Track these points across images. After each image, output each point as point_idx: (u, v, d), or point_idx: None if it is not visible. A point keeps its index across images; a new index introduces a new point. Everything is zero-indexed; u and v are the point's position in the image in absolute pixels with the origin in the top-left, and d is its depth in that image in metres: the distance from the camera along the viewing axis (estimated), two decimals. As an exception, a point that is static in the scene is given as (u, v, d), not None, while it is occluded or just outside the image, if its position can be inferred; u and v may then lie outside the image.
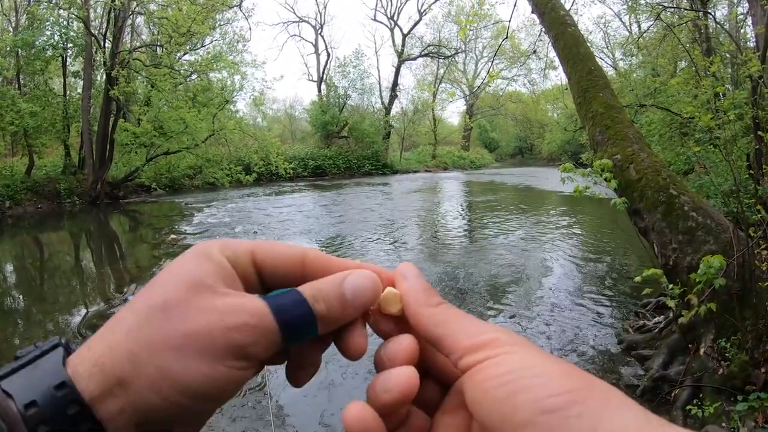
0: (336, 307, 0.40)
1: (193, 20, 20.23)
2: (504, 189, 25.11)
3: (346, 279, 0.40)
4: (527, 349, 0.35)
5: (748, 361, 3.90)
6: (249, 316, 0.36)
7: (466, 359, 0.35)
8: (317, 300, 0.39)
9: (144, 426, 0.34)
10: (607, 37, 28.90)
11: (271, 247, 0.42)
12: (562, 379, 0.32)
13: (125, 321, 0.36)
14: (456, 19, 40.81)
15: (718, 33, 14.19)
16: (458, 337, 0.37)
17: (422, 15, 41.78)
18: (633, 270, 8.17)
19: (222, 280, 0.38)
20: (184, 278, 0.37)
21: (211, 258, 0.39)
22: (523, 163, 54.01)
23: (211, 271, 0.38)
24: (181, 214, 17.88)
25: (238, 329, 0.36)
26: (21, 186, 19.89)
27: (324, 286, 0.40)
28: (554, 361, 0.34)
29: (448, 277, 8.62)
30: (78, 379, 0.33)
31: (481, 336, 0.36)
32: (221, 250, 0.40)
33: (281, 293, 0.39)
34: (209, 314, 0.36)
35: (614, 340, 5.79)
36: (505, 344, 0.35)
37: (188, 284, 0.37)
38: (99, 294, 8.83)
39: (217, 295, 0.37)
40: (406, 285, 0.41)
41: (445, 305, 0.40)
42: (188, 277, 0.37)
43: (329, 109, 36.70)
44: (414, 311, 0.40)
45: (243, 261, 0.40)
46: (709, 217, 4.65)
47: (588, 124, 6.03)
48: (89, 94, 21.34)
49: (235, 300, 0.37)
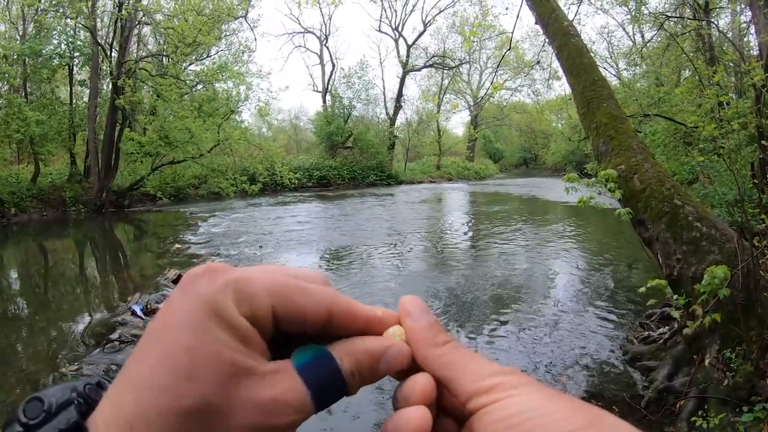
0: (366, 380, 0.38)
1: (199, 31, 20.39)
2: (509, 199, 25.09)
3: (386, 353, 0.38)
4: (534, 388, 0.34)
5: (753, 371, 3.87)
6: (294, 411, 0.33)
7: (474, 402, 0.35)
8: (354, 376, 0.36)
9: None
10: (610, 47, 28.93)
11: (294, 299, 0.35)
12: (571, 417, 0.31)
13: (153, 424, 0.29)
14: (460, 30, 41.04)
15: (721, 42, 14.18)
16: (465, 380, 0.36)
17: (427, 26, 42.02)
18: (637, 280, 8.13)
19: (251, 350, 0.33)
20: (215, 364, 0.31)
21: (231, 323, 0.33)
22: (528, 173, 53.94)
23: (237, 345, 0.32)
24: (186, 224, 17.92)
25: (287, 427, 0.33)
26: (26, 193, 19.99)
27: (362, 358, 0.37)
28: (562, 398, 0.33)
29: (453, 288, 8.60)
30: None
31: (489, 379, 0.35)
32: (237, 305, 0.33)
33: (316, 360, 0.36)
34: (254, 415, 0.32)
35: (619, 351, 5.76)
36: (512, 387, 0.34)
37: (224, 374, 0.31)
38: (103, 302, 8.84)
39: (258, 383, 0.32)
40: (411, 323, 0.39)
41: (451, 345, 0.38)
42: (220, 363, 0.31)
43: (334, 119, 36.81)
44: (420, 352, 0.38)
45: (261, 319, 0.34)
46: (713, 227, 4.63)
47: (592, 134, 6.02)
48: (95, 103, 21.50)
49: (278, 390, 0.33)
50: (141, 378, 0.31)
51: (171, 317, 0.32)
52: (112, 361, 5.74)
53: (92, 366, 5.63)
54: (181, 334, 0.31)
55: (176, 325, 0.32)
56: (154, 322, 0.33)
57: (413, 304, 0.40)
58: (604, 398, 4.74)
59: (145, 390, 0.30)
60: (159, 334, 0.32)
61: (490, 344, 6.17)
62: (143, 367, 0.31)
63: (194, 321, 0.32)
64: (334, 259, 11.30)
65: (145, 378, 0.31)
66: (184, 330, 0.31)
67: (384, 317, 0.40)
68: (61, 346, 6.46)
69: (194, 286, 0.33)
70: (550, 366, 5.49)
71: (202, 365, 0.31)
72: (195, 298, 0.33)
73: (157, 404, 0.30)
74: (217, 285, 0.33)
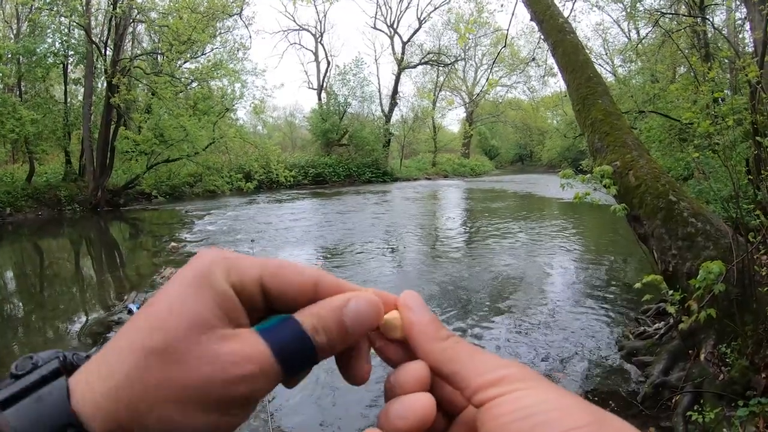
0: (335, 337, 0.38)
1: (193, 28, 20.32)
2: (504, 196, 25.12)
3: (347, 305, 0.39)
4: (541, 384, 0.35)
5: (748, 366, 3.89)
6: (252, 364, 0.35)
7: (480, 395, 0.35)
8: (318, 332, 0.37)
9: None
10: (606, 43, 29.01)
11: (282, 273, 0.39)
12: (579, 413, 0.32)
13: (124, 362, 0.34)
14: (455, 27, 40.98)
15: (716, 39, 14.22)
16: (471, 374, 0.36)
17: (422, 23, 41.98)
18: (633, 276, 8.16)
19: (225, 315, 0.36)
20: (185, 317, 0.35)
21: (214, 287, 0.36)
22: (523, 170, 54.03)
23: (213, 305, 0.36)
24: (182, 222, 17.88)
25: (242, 380, 0.35)
26: (21, 193, 19.92)
27: (324, 314, 0.38)
28: (568, 395, 0.34)
29: (448, 284, 8.61)
30: (82, 419, 0.33)
31: (495, 372, 0.35)
32: (226, 274, 0.37)
33: (279, 323, 0.38)
34: (211, 365, 0.34)
35: (615, 346, 5.79)
36: (519, 380, 0.35)
37: (189, 325, 0.35)
38: (99, 301, 8.82)
39: (220, 340, 0.35)
40: (413, 317, 0.40)
41: (453, 339, 0.39)
42: (189, 316, 0.35)
43: (329, 116, 36.76)
44: (423, 346, 0.38)
45: (249, 288, 0.38)
46: (708, 223, 4.66)
47: (587, 130, 6.04)
48: (90, 102, 21.44)
49: (237, 346, 0.35)
50: (128, 326, 0.36)
51: (170, 281, 0.37)
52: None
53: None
54: (171, 292, 0.36)
55: (170, 286, 0.36)
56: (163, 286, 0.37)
57: (413, 299, 0.41)
58: (600, 393, 4.76)
59: (127, 334, 0.35)
60: (158, 293, 0.36)
61: (486, 340, 6.19)
62: (134, 319, 0.36)
63: (183, 282, 0.36)
64: (330, 256, 11.30)
65: (131, 326, 0.36)
66: (174, 289, 0.36)
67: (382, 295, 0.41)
68: (57, 346, 6.42)
69: (195, 259, 0.38)
70: (546, 361, 5.50)
71: (174, 316, 0.35)
72: (192, 267, 0.37)
73: (129, 341, 0.34)
74: (213, 257, 0.38)
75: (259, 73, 31.35)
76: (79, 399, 0.33)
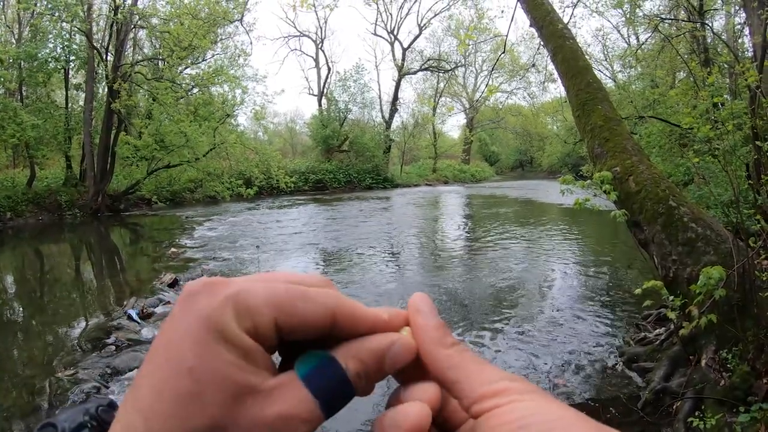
0: (373, 379, 0.37)
1: (194, 34, 20.36)
2: (505, 202, 25.11)
3: (390, 351, 0.37)
4: (541, 396, 0.34)
5: (749, 371, 3.88)
6: (303, 422, 0.33)
7: (479, 405, 0.34)
8: (360, 377, 0.36)
9: None
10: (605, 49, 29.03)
11: (296, 307, 0.35)
12: (577, 424, 0.31)
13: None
14: (455, 34, 41.09)
15: (715, 44, 14.25)
16: (472, 384, 0.35)
17: (422, 29, 42.09)
18: (633, 282, 8.15)
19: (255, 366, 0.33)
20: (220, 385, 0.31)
21: (233, 339, 0.32)
22: (524, 176, 54.00)
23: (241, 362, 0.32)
24: (182, 228, 17.88)
25: None
26: (22, 197, 19.94)
27: (367, 359, 0.36)
28: (570, 409, 0.33)
29: (449, 291, 8.61)
30: None
31: (496, 384, 0.35)
32: (237, 321, 0.33)
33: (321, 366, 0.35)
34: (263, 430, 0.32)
35: (615, 352, 5.77)
36: (519, 392, 0.34)
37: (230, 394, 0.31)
38: (99, 306, 8.80)
39: (264, 400, 0.32)
40: (421, 321, 0.39)
41: (459, 347, 0.38)
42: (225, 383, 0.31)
43: (330, 123, 36.82)
44: (428, 351, 0.38)
45: (264, 333, 0.34)
46: (708, 228, 4.65)
47: (587, 136, 6.04)
48: (91, 107, 21.48)
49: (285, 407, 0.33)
50: (149, 401, 0.31)
51: (173, 335, 0.32)
52: (107, 366, 5.72)
53: (88, 370, 5.61)
54: (184, 355, 0.31)
55: (178, 344, 0.31)
56: (157, 340, 0.33)
57: (423, 302, 0.40)
58: (601, 399, 4.75)
59: (154, 414, 0.30)
60: (163, 353, 0.32)
61: (487, 346, 6.17)
62: (150, 389, 0.31)
63: (195, 340, 0.31)
64: (330, 263, 11.30)
65: (152, 402, 0.30)
66: (187, 350, 0.31)
67: (391, 319, 0.39)
68: (57, 351, 6.43)
69: (194, 302, 0.33)
70: (546, 367, 5.49)
71: (206, 386, 0.30)
72: (195, 316, 0.32)
73: (165, 428, 0.30)
74: (217, 300, 0.33)
75: (260, 79, 31.47)
76: None
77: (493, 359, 5.78)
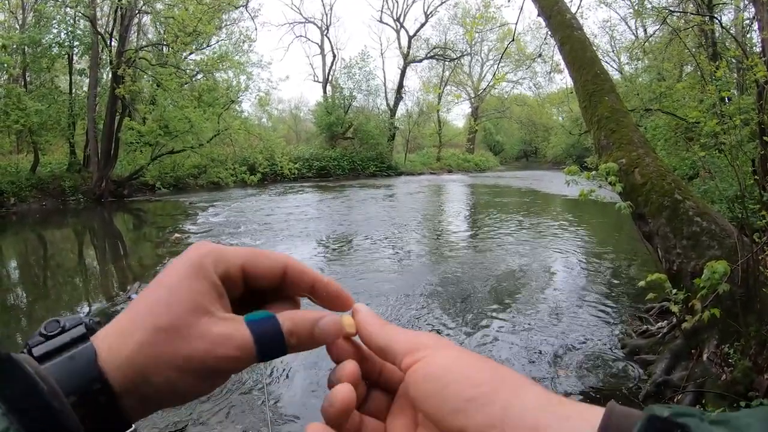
0: (304, 341, 0.47)
1: (199, 20, 20.26)
2: (508, 192, 25.07)
3: (320, 323, 0.48)
4: (451, 350, 0.44)
5: (751, 367, 3.89)
6: (236, 349, 0.44)
7: (405, 360, 0.44)
8: (292, 335, 0.47)
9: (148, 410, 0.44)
10: (612, 41, 28.78)
11: (258, 260, 0.49)
12: (478, 374, 0.40)
13: (135, 336, 0.42)
14: (462, 22, 40.81)
15: (724, 38, 14.12)
16: (398, 345, 0.46)
17: (428, 17, 41.81)
18: (636, 274, 8.14)
19: (216, 300, 0.45)
20: (186, 302, 0.43)
21: (207, 276, 0.45)
22: (528, 166, 53.83)
23: (207, 293, 0.45)
24: (185, 213, 17.91)
25: (227, 359, 0.44)
26: (26, 183, 19.97)
27: (300, 323, 0.47)
28: (474, 358, 0.43)
29: (452, 280, 8.61)
30: (106, 377, 0.41)
31: (414, 341, 0.46)
32: (215, 265, 0.46)
33: (264, 319, 0.46)
34: (206, 343, 0.43)
35: (617, 344, 5.78)
36: (433, 347, 0.44)
37: (191, 309, 0.43)
38: (102, 292, 8.86)
39: (214, 321, 0.44)
40: (362, 314, 0.50)
41: (389, 324, 0.49)
42: (190, 302, 0.43)
43: (334, 110, 36.71)
44: (366, 330, 0.49)
45: (234, 275, 0.48)
46: (713, 223, 4.64)
47: (593, 127, 6.02)
48: (95, 93, 21.45)
49: (226, 329, 0.44)
50: (135, 305, 0.44)
51: (167, 271, 0.45)
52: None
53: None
54: (170, 280, 0.45)
55: (167, 274, 0.45)
56: (159, 273, 0.46)
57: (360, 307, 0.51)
58: (602, 391, 4.76)
59: (136, 312, 0.43)
60: (156, 279, 0.45)
61: (489, 337, 6.19)
62: (139, 298, 0.44)
63: (179, 272, 0.45)
64: (333, 250, 11.32)
65: (137, 304, 0.44)
66: (173, 277, 0.45)
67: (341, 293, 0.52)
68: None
69: (188, 252, 0.47)
70: (548, 358, 5.50)
71: (175, 299, 0.43)
72: (185, 259, 0.46)
73: (141, 320, 0.43)
74: (203, 252, 0.47)
75: (265, 65, 31.41)
76: (104, 360, 0.41)
77: (495, 348, 5.80)
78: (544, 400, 0.37)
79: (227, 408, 4.51)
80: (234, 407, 4.54)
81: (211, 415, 4.39)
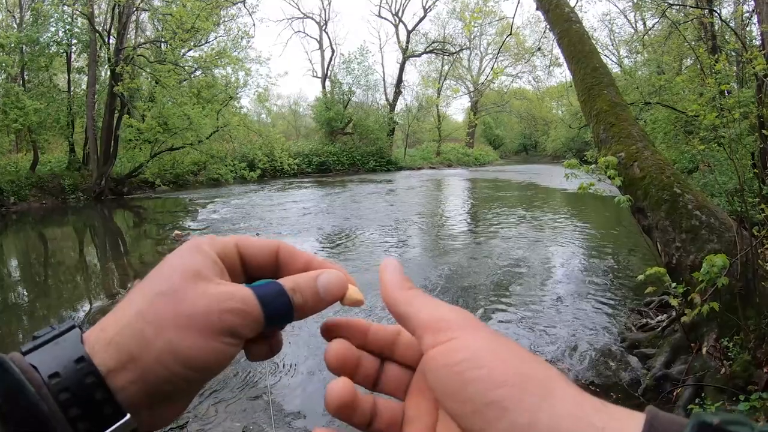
0: (310, 300, 0.47)
1: (197, 16, 20.24)
2: (508, 186, 25.07)
3: (319, 276, 0.48)
4: (476, 334, 0.39)
5: (750, 360, 3.89)
6: (239, 302, 0.43)
7: (426, 339, 0.41)
8: (296, 292, 0.46)
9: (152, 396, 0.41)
10: (612, 34, 28.80)
11: (249, 240, 0.50)
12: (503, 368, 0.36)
13: (134, 304, 0.42)
14: (461, 16, 40.73)
15: (723, 31, 14.09)
16: (420, 317, 0.42)
17: (427, 11, 41.80)
18: (636, 268, 8.15)
19: (213, 271, 0.45)
20: (184, 269, 0.44)
21: (203, 252, 0.46)
22: (528, 160, 53.83)
23: (205, 263, 0.45)
24: (185, 210, 17.92)
25: (231, 312, 0.43)
26: (25, 182, 19.99)
27: (301, 281, 0.48)
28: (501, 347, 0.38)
29: (451, 274, 8.62)
30: (94, 354, 0.40)
31: (439, 316, 0.41)
32: (211, 246, 0.47)
33: (265, 284, 0.47)
34: (207, 299, 0.42)
35: (617, 338, 5.78)
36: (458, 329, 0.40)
37: (188, 274, 0.43)
38: (103, 289, 8.86)
39: (212, 284, 0.44)
40: (388, 274, 0.47)
41: (415, 289, 0.45)
42: (187, 268, 0.44)
43: (333, 105, 36.70)
44: (389, 294, 0.45)
45: (230, 254, 0.48)
46: (712, 216, 4.64)
47: (592, 121, 6.00)
48: (94, 90, 21.43)
49: (227, 288, 0.44)
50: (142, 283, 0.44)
51: (169, 256, 0.46)
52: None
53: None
54: (172, 260, 0.45)
55: (170, 258, 0.46)
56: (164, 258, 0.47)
57: (391, 262, 0.49)
58: (602, 384, 4.77)
59: (142, 285, 0.44)
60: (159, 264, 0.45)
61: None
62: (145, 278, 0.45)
63: (178, 252, 0.46)
64: (333, 245, 11.32)
65: (144, 281, 0.44)
66: (175, 258, 0.45)
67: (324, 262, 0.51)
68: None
69: (189, 242, 0.47)
70: (548, 351, 5.51)
71: (174, 271, 0.44)
72: (187, 246, 0.47)
73: (143, 290, 0.43)
74: (202, 240, 0.48)
75: (263, 61, 31.20)
76: (93, 342, 0.41)
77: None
78: (577, 408, 0.34)
79: (229, 405, 4.52)
80: (235, 404, 4.55)
81: (212, 412, 4.41)
